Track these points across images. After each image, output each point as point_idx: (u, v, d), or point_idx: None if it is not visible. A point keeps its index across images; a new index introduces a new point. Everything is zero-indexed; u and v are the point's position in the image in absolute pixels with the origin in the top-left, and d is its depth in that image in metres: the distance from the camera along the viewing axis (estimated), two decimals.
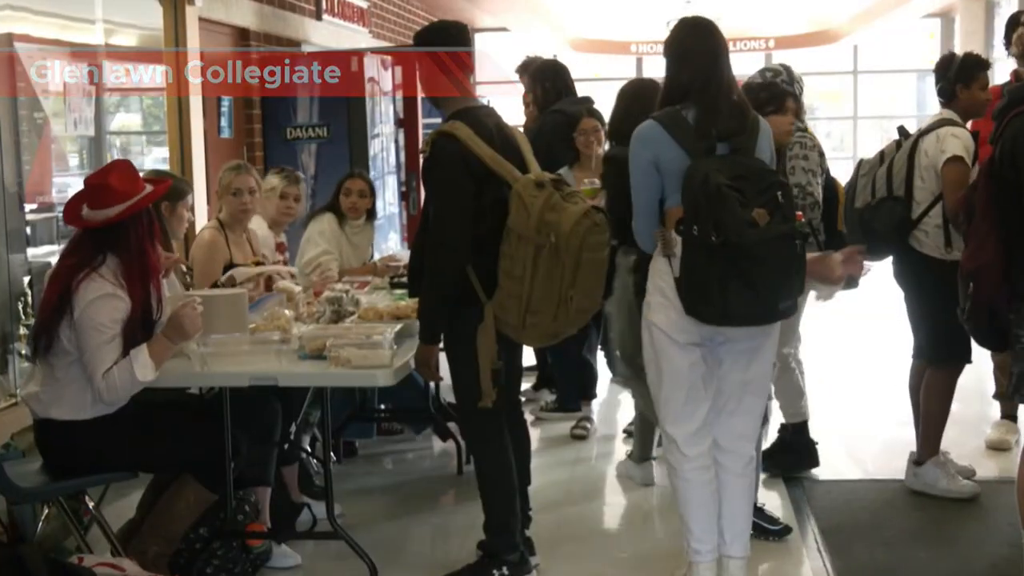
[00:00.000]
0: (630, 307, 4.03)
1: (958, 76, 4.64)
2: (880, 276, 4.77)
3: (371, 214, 5.77)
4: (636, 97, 4.51)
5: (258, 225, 5.32)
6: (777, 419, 4.96)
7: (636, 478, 4.96)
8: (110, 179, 3.61)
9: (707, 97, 3.45)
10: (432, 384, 5.61)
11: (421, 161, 3.81)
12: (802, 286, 3.54)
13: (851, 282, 4.81)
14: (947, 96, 4.66)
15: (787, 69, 4.79)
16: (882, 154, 4.70)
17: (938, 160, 4.47)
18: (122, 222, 3.58)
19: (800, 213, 3.66)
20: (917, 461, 4.70)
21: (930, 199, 4.49)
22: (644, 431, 4.93)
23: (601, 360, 5.97)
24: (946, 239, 4.47)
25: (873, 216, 4.55)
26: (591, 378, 5.97)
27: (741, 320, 3.40)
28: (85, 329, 3.51)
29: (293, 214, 5.46)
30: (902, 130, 4.76)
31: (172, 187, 4.17)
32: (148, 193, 3.66)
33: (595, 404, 6.05)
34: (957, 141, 4.47)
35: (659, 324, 3.53)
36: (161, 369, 3.72)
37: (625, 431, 5.80)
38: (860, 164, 4.76)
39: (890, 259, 4.70)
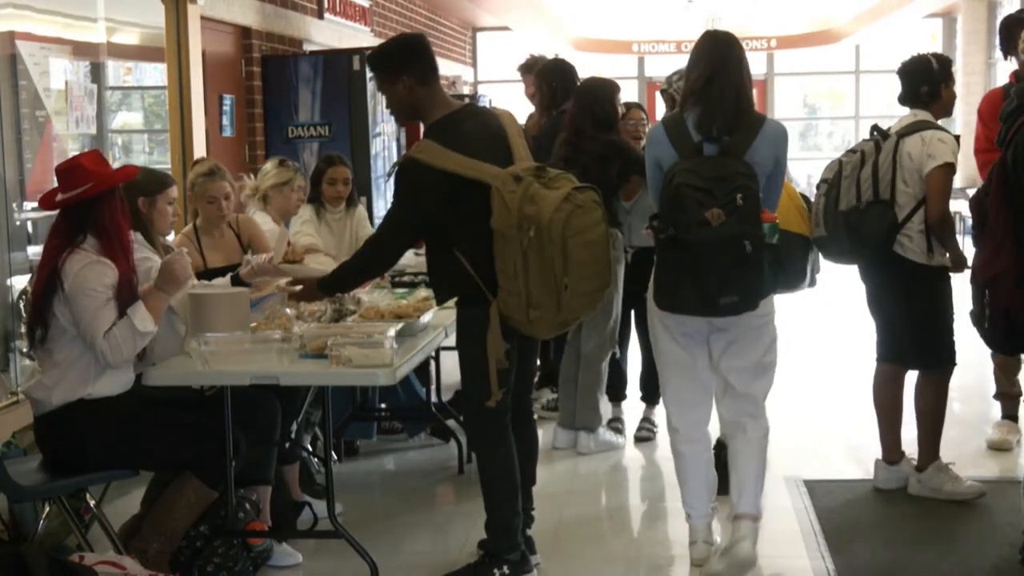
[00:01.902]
0: None
1: (943, 76, 4.57)
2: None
3: (351, 200, 5.75)
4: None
5: (262, 221, 5.31)
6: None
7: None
8: (80, 160, 3.72)
9: (705, 100, 3.74)
10: (432, 385, 5.63)
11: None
12: (757, 286, 3.65)
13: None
14: (933, 97, 4.55)
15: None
16: (862, 154, 4.54)
17: (923, 164, 4.38)
18: (95, 201, 3.63)
19: (775, 215, 3.78)
20: (918, 468, 4.67)
21: (913, 203, 4.42)
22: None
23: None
24: (927, 245, 4.41)
25: (860, 220, 4.44)
26: (619, 379, 5.97)
27: (685, 310, 3.75)
28: (78, 297, 3.55)
29: (300, 205, 5.48)
30: (877, 128, 4.62)
31: (147, 180, 4.12)
32: (114, 173, 3.74)
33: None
34: (945, 147, 4.38)
35: (654, 310, 3.88)
36: (162, 368, 3.74)
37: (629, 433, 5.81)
38: (841, 165, 4.58)
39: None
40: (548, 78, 5.89)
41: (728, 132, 3.68)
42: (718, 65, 3.76)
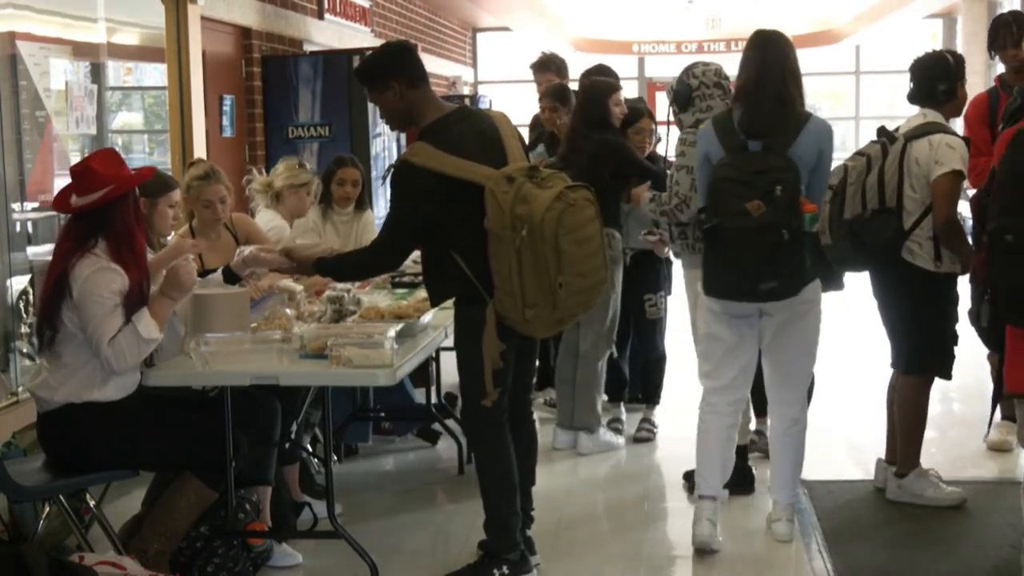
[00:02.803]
0: None
1: (959, 73, 4.51)
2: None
3: (361, 203, 5.73)
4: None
5: (270, 217, 5.30)
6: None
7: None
8: (92, 163, 3.67)
9: (750, 100, 3.99)
10: (432, 386, 5.63)
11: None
12: (797, 273, 3.89)
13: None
14: (949, 96, 4.47)
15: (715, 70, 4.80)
16: (868, 159, 4.49)
17: (931, 170, 4.33)
18: (109, 205, 3.61)
19: (814, 206, 3.97)
20: (899, 473, 4.62)
21: (921, 209, 4.38)
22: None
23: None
24: (936, 252, 4.37)
25: (864, 229, 4.41)
26: (619, 380, 5.95)
27: (729, 295, 4.01)
28: (86, 303, 3.54)
29: (309, 206, 5.46)
30: (884, 131, 4.57)
31: (150, 181, 4.10)
32: (131, 176, 3.71)
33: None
34: (953, 152, 4.31)
35: (703, 296, 4.16)
36: (162, 368, 3.74)
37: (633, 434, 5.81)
38: (846, 171, 4.52)
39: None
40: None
41: (769, 132, 3.92)
42: (761, 68, 4.01)
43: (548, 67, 6.83)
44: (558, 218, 3.55)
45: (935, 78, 4.50)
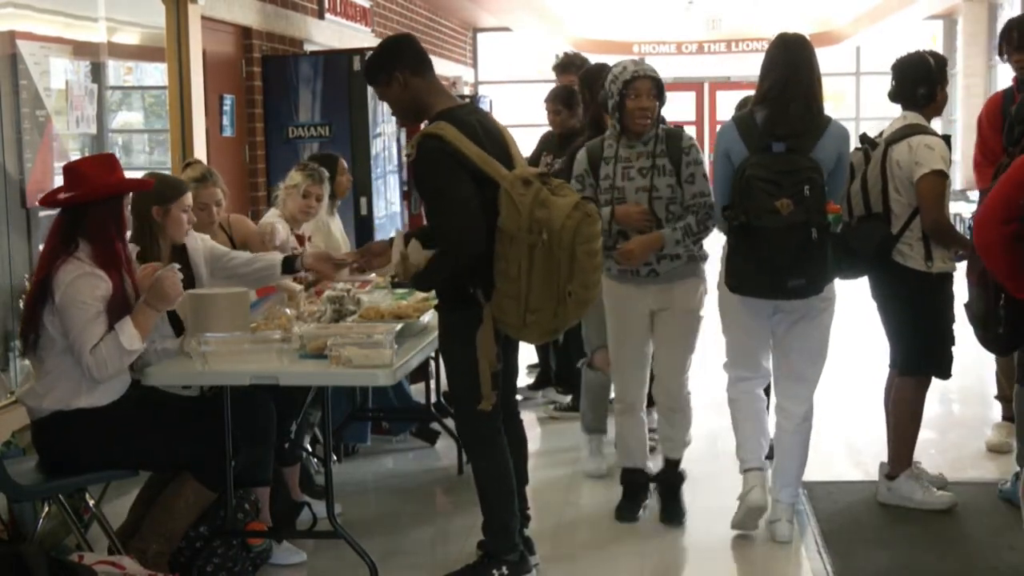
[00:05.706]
0: None
1: (940, 76, 4.52)
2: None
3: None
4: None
5: (271, 217, 5.30)
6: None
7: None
8: (83, 164, 3.67)
9: (776, 104, 4.06)
10: (433, 386, 5.63)
11: (408, 164, 3.75)
12: (823, 271, 3.99)
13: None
14: (929, 99, 4.48)
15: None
16: (851, 167, 4.45)
17: (912, 172, 4.33)
18: (87, 207, 3.59)
19: (839, 207, 4.15)
20: (890, 475, 4.61)
21: (908, 212, 4.38)
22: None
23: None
24: (926, 252, 4.37)
25: (853, 236, 4.41)
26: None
27: (755, 292, 4.08)
28: (68, 309, 3.52)
29: (313, 214, 5.37)
30: (865, 138, 4.58)
31: (161, 187, 4.07)
32: (111, 183, 3.65)
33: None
34: (932, 153, 4.31)
35: (723, 298, 4.27)
36: (162, 368, 3.73)
37: None
38: None
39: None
40: (591, 83, 5.81)
41: (793, 134, 4.00)
42: (788, 70, 4.08)
43: (569, 69, 6.67)
44: (576, 227, 3.52)
45: (916, 81, 4.50)
